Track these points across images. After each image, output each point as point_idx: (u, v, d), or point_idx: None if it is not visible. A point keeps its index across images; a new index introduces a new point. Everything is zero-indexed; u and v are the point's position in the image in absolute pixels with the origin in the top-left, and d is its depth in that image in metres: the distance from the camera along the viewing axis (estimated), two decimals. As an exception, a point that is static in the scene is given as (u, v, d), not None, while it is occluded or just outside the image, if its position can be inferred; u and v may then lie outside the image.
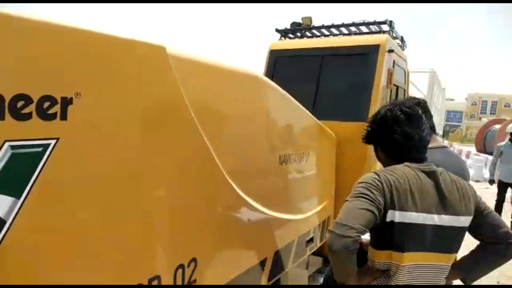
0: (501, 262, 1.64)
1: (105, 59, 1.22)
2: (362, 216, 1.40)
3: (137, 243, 1.38)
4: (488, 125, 21.70)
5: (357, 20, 4.27)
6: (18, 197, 1.01)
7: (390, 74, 3.84)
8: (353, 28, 4.25)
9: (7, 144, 0.98)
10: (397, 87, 4.21)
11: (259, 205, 2.12)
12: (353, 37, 4.13)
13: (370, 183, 1.48)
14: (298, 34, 4.51)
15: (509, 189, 7.32)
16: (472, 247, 1.72)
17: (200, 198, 1.68)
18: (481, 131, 21.57)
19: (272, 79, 2.35)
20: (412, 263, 1.50)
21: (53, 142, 1.07)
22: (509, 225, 6.84)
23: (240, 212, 1.98)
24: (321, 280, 3.24)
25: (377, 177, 1.51)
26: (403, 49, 4.56)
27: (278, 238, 2.40)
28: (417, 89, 10.29)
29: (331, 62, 3.85)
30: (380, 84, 3.63)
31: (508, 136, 7.58)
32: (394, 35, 4.18)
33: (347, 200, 1.48)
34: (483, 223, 1.59)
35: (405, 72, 4.56)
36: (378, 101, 3.58)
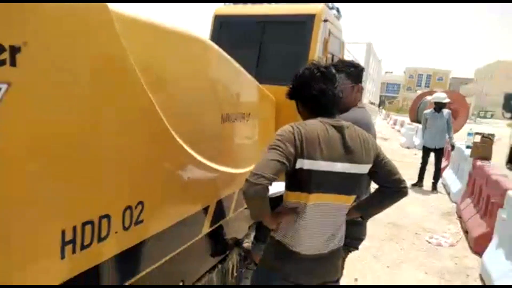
0: (393, 203, 1.96)
1: (51, 13, 1.32)
2: (273, 166, 1.63)
3: (87, 185, 1.53)
4: (421, 96, 23.02)
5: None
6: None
7: (325, 43, 4.11)
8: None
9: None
10: (333, 56, 4.51)
11: (202, 157, 2.31)
12: (292, 5, 4.32)
13: (283, 135, 1.72)
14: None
15: (432, 153, 8.07)
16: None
17: (146, 148, 1.85)
18: (415, 102, 22.94)
19: (217, 44, 2.51)
20: (316, 202, 1.78)
21: (5, 86, 1.18)
22: (429, 184, 7.60)
23: (183, 164, 2.17)
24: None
25: (291, 129, 1.74)
26: (338, 20, 4.84)
27: (220, 189, 2.63)
28: (355, 60, 10.86)
29: (272, 29, 4.05)
30: (315, 52, 3.89)
31: (433, 105, 8.31)
32: (330, 5, 4.43)
33: (263, 152, 1.71)
34: (380, 170, 1.89)
35: (340, 42, 4.87)
36: (314, 67, 3.86)
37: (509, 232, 4.09)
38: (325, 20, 4.01)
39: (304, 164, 1.71)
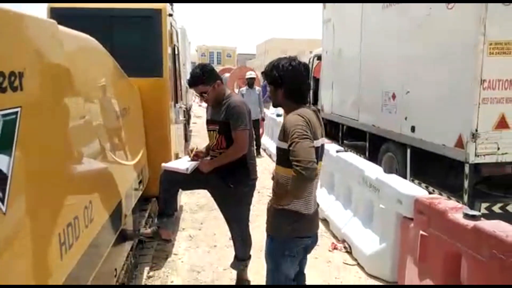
0: None
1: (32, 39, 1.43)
2: (313, 151, 2.06)
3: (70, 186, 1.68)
4: (220, 73, 25.03)
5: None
6: (10, 155, 1.23)
7: (170, 35, 4.47)
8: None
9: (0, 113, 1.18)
10: (174, 46, 4.91)
11: (116, 156, 2.51)
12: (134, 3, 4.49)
13: (302, 125, 2.11)
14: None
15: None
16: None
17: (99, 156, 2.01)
18: (215, 79, 24.78)
19: None
20: (318, 170, 2.23)
21: (19, 109, 1.29)
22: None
23: (110, 165, 2.36)
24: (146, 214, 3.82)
25: (302, 119, 2.13)
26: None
27: (127, 182, 2.84)
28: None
29: (121, 22, 4.14)
30: (167, 44, 4.22)
31: (246, 82, 9.60)
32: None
33: (298, 142, 2.05)
34: None
35: (177, 33, 5.28)
36: (168, 59, 4.20)
37: (327, 173, 5.43)
38: (170, 15, 4.36)
39: (313, 144, 2.12)
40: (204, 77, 3.03)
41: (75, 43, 1.95)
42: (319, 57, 10.34)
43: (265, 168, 8.20)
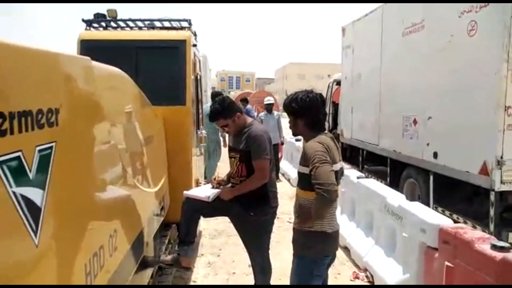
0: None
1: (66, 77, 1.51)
2: (333, 174, 2.26)
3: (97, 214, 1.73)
4: (238, 98, 25.27)
5: (159, 15, 4.79)
6: (44, 188, 1.29)
7: (194, 65, 4.60)
8: (157, 23, 4.77)
9: (37, 149, 1.24)
10: (197, 75, 5.04)
11: (141, 185, 2.57)
12: (162, 32, 4.65)
13: (323, 151, 2.31)
14: (103, 24, 4.68)
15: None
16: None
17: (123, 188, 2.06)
18: (235, 104, 25.10)
19: None
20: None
21: (54, 144, 1.36)
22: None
23: (133, 193, 2.41)
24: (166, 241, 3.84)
25: (321, 146, 2.34)
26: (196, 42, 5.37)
27: (149, 209, 2.89)
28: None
29: (146, 53, 4.28)
30: (190, 73, 4.34)
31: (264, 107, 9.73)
32: (191, 31, 4.92)
33: (318, 166, 2.24)
34: None
35: (199, 61, 5.42)
36: (191, 87, 4.31)
37: (348, 200, 5.38)
38: (194, 45, 4.49)
39: (332, 168, 2.32)
40: (224, 111, 3.12)
41: (106, 77, 2.05)
42: (338, 82, 10.39)
43: (284, 193, 8.16)
